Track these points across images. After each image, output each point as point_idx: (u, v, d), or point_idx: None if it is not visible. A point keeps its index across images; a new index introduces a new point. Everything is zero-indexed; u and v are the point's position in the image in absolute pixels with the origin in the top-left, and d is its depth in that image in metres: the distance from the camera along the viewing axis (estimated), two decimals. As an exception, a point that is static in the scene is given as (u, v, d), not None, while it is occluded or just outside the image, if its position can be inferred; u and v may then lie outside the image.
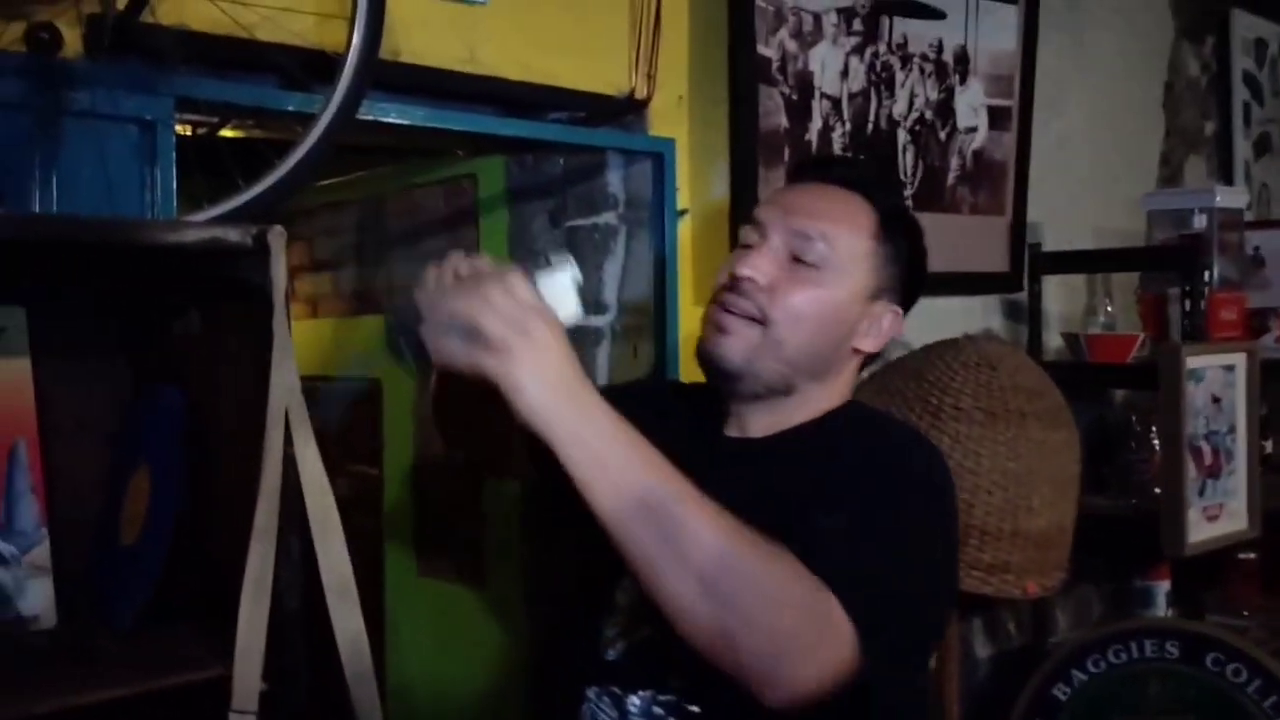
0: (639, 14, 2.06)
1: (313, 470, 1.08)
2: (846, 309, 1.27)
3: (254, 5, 1.51)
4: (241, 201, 1.30)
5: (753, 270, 1.24)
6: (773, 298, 1.24)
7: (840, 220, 1.27)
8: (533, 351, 0.95)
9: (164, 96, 1.49)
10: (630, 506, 0.94)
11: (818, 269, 1.24)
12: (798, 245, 1.25)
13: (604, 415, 0.97)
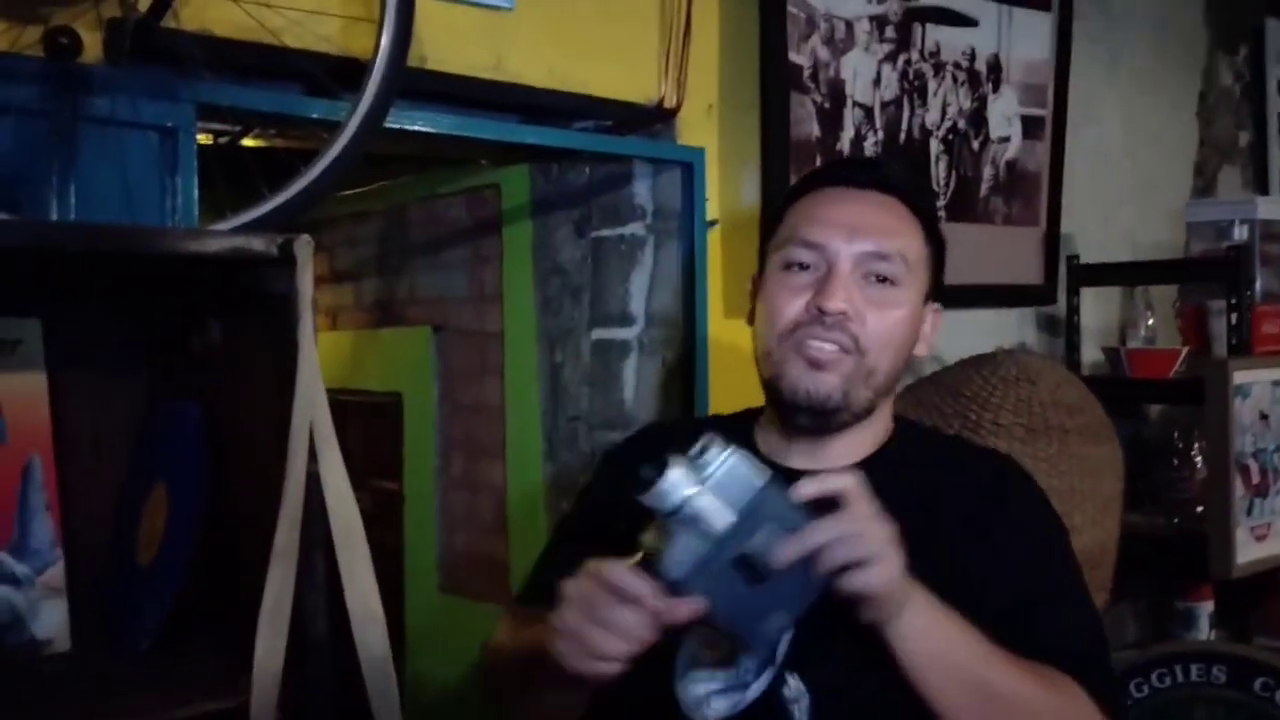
0: (669, 21, 2.01)
1: (338, 489, 1.03)
2: (916, 320, 1.24)
3: (279, 8, 1.47)
4: (266, 210, 1.26)
5: (844, 303, 1.17)
6: (863, 326, 1.18)
7: (903, 233, 1.23)
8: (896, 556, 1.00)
9: (185, 103, 1.45)
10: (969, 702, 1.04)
11: (894, 286, 1.21)
12: (870, 265, 1.20)
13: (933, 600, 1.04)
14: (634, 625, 0.91)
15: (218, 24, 1.47)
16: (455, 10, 1.76)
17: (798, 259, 1.21)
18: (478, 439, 2.55)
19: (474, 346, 2.56)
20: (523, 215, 2.37)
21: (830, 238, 1.19)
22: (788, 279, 1.21)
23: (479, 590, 2.58)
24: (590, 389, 2.24)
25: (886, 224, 1.22)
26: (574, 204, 2.24)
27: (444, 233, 2.69)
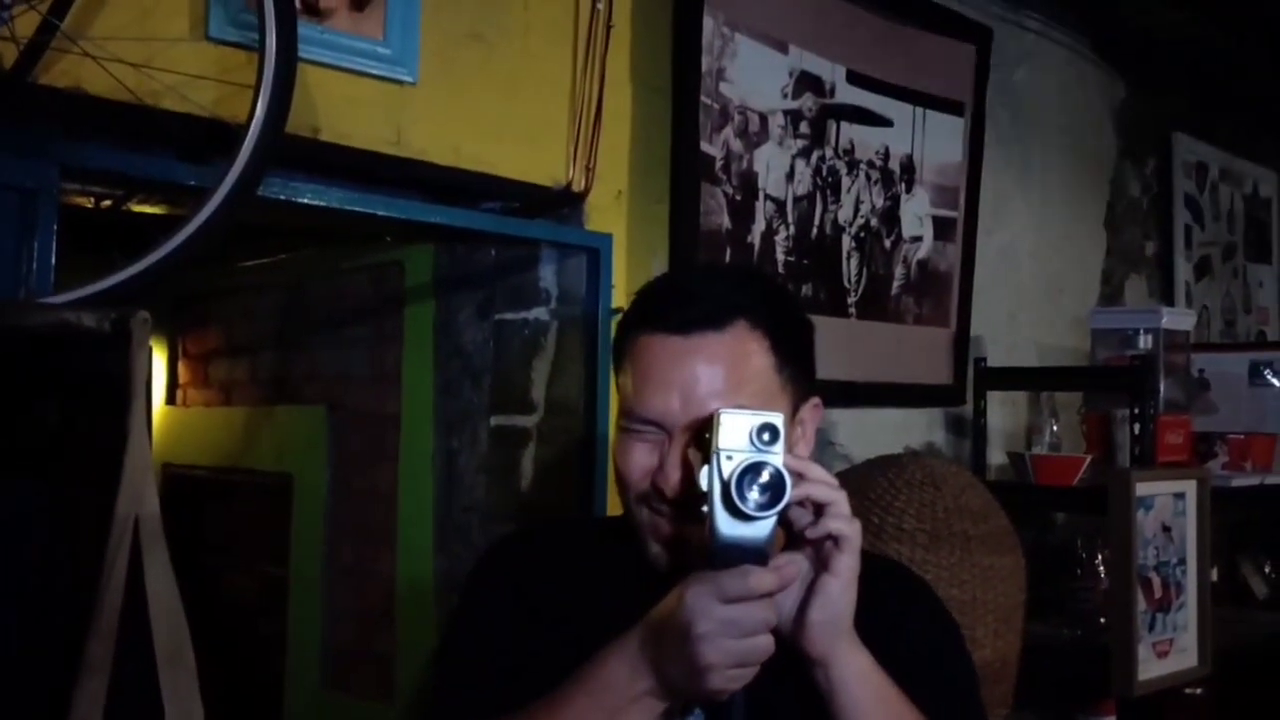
0: (579, 104, 1.97)
1: (163, 595, 0.93)
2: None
3: (157, 72, 1.40)
4: (117, 281, 1.16)
5: (666, 486, 1.07)
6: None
7: (740, 373, 1.08)
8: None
9: (48, 164, 1.36)
10: None
11: None
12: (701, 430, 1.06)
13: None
14: (768, 615, 0.95)
15: (92, 84, 1.39)
16: (356, 81, 1.70)
17: (637, 430, 1.11)
18: (369, 526, 2.43)
19: (369, 428, 2.46)
20: (426, 295, 2.29)
21: (664, 412, 1.08)
22: (630, 442, 1.11)
23: (363, 687, 2.44)
24: (487, 477, 2.15)
25: (719, 375, 1.08)
26: (478, 285, 2.17)
27: (345, 309, 2.60)
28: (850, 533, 0.99)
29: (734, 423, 0.94)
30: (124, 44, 1.38)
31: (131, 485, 0.92)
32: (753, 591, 0.92)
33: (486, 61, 1.86)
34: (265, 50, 1.29)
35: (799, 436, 1.15)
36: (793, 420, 1.12)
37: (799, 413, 1.14)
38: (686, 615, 0.93)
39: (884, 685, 1.04)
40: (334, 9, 1.64)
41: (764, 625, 0.94)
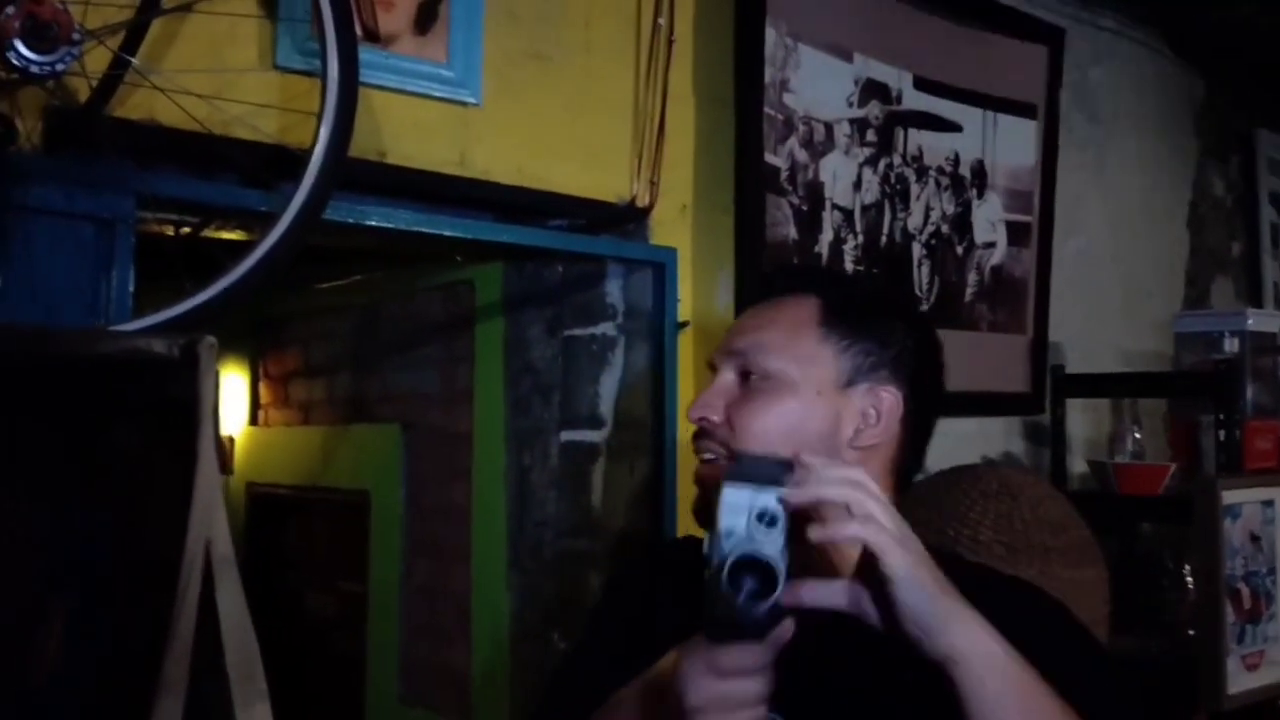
0: (642, 119, 1.98)
1: (235, 617, 0.94)
2: (816, 410, 1.13)
3: (226, 102, 1.44)
4: (188, 307, 1.19)
5: (703, 409, 1.15)
6: (731, 428, 1.14)
7: (775, 324, 1.17)
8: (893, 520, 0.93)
9: (124, 194, 1.40)
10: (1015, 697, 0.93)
11: (766, 379, 1.14)
12: (741, 365, 1.16)
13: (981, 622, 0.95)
14: (759, 688, 0.93)
15: (164, 115, 1.43)
16: (420, 104, 1.72)
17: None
18: (443, 541, 2.46)
19: (443, 446, 2.49)
20: (496, 313, 2.31)
21: (717, 353, 1.19)
22: None
23: (441, 702, 2.46)
24: (558, 493, 2.16)
25: (760, 322, 1.18)
26: (547, 302, 2.19)
27: (417, 329, 2.63)
28: (869, 534, 0.92)
29: (736, 499, 0.90)
30: (194, 75, 1.42)
31: (202, 509, 0.94)
32: (745, 668, 0.91)
33: (548, 80, 1.88)
34: (327, 77, 1.31)
35: (850, 422, 1.14)
36: (843, 391, 1.14)
37: (853, 387, 1.14)
38: (680, 685, 0.93)
39: (1021, 673, 0.95)
40: (398, 34, 1.67)
41: (755, 699, 0.92)
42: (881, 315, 1.19)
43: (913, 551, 0.93)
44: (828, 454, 1.10)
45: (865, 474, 0.95)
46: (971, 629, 0.94)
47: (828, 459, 0.97)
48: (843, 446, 1.13)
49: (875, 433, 1.14)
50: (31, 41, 1.08)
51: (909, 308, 1.31)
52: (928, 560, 0.94)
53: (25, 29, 1.08)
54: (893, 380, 1.15)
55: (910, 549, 0.93)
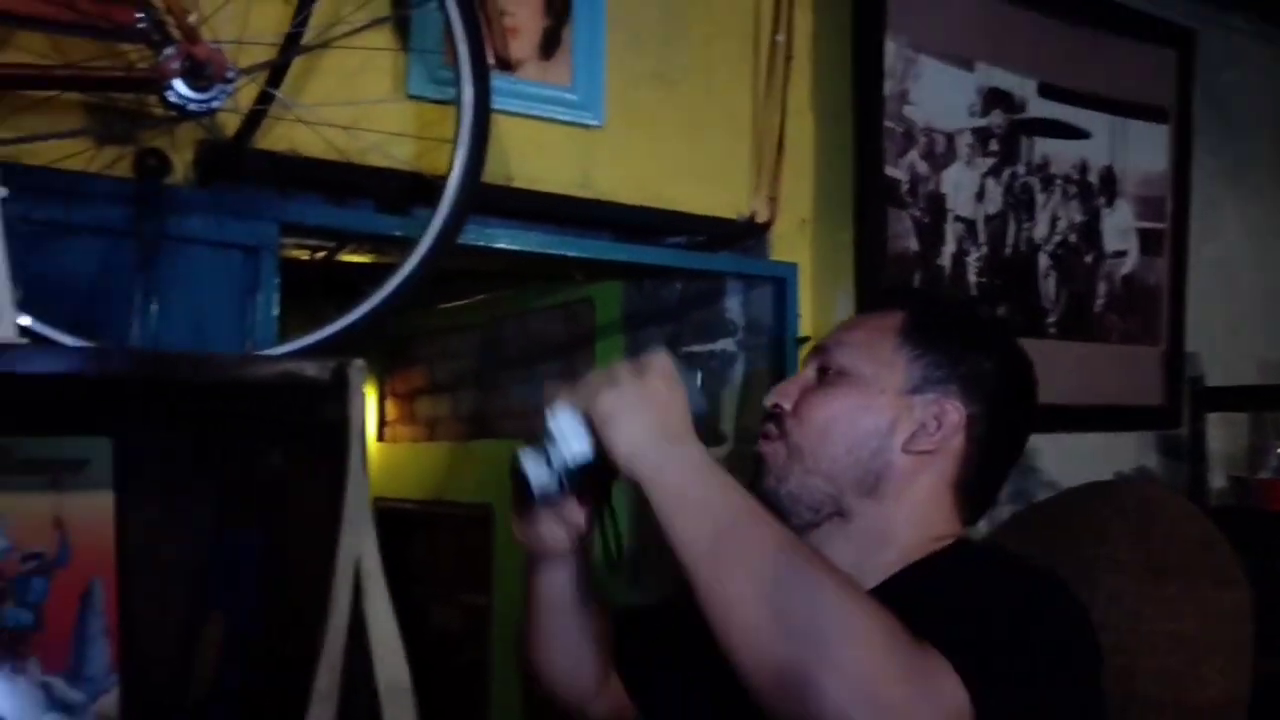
0: (761, 136, 1.98)
1: (384, 630, 0.98)
2: (876, 408, 1.18)
3: (362, 131, 1.49)
4: (332, 331, 1.24)
5: (778, 396, 1.24)
6: (796, 415, 1.21)
7: (857, 328, 1.27)
8: (637, 390, 1.04)
9: (268, 222, 1.46)
10: (707, 542, 0.96)
11: (840, 374, 1.21)
12: (822, 360, 1.24)
13: (699, 457, 1.02)
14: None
15: (304, 145, 1.49)
16: (545, 127, 1.75)
17: None
18: (565, 556, 2.48)
19: (564, 461, 2.51)
20: (615, 330, 2.34)
21: (809, 356, 1.28)
22: None
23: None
24: (679, 509, 2.17)
25: (845, 327, 1.28)
26: (666, 319, 2.20)
27: (538, 346, 2.68)
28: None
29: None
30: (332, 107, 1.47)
31: (352, 526, 0.97)
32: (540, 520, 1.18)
33: (669, 100, 1.89)
34: (461, 104, 1.35)
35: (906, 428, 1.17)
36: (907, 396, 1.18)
37: (918, 395, 1.18)
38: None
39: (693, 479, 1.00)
40: (523, 59, 1.71)
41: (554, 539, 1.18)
42: (960, 334, 1.23)
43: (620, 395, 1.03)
44: (880, 454, 1.17)
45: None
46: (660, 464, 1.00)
47: None
48: (895, 447, 1.17)
49: (931, 441, 1.17)
50: (189, 81, 1.14)
51: (995, 333, 1.32)
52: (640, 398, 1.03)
53: (184, 69, 1.14)
54: (962, 397, 1.18)
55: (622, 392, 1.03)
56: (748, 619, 0.92)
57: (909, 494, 1.17)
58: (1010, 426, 1.22)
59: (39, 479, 1.23)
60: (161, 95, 1.15)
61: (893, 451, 1.17)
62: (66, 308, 1.29)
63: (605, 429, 1.03)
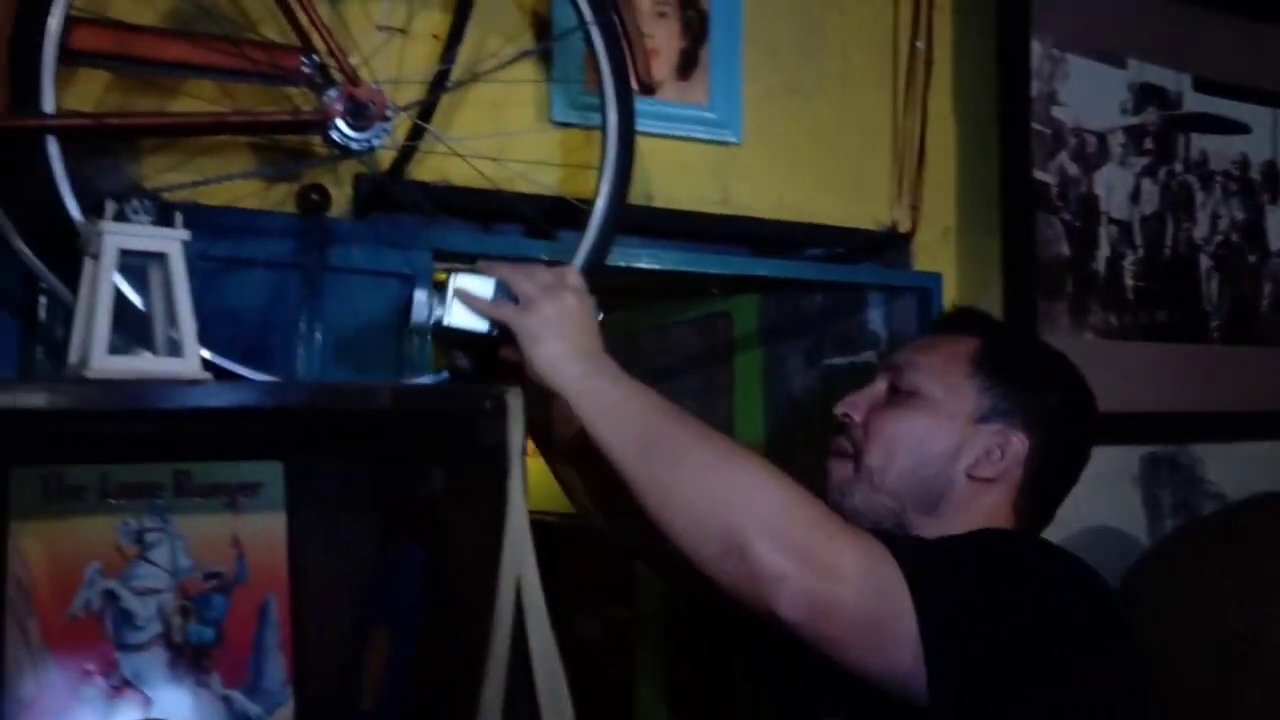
0: (901, 144, 1.96)
1: (543, 646, 1.00)
2: (944, 432, 1.25)
3: (508, 161, 1.53)
4: (486, 356, 1.27)
5: (848, 407, 1.29)
6: (866, 430, 1.27)
7: (934, 350, 1.30)
8: (556, 310, 1.14)
9: (422, 251, 1.51)
10: (636, 442, 1.07)
11: (911, 395, 1.26)
12: (893, 378, 1.29)
13: (614, 369, 1.13)
14: None
15: (453, 175, 1.53)
16: (683, 147, 1.77)
17: None
18: (708, 570, 2.48)
19: (705, 475, 2.52)
20: (754, 343, 2.33)
21: (879, 370, 1.35)
22: None
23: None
24: (823, 523, 2.15)
25: (919, 348, 1.33)
26: (806, 331, 2.19)
27: (675, 360, 2.68)
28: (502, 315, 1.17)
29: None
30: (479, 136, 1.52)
31: (513, 549, 1.00)
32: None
33: (807, 113, 1.88)
34: (606, 131, 1.37)
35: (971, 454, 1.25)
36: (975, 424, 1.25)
37: (985, 424, 1.26)
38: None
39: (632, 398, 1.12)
40: (661, 81, 1.72)
41: None
42: (1030, 369, 1.30)
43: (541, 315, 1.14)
44: (943, 475, 1.24)
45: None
46: (579, 378, 1.12)
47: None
48: (959, 472, 1.24)
49: (993, 469, 1.24)
50: (351, 121, 1.19)
51: (1063, 370, 1.36)
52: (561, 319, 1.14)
53: (346, 110, 1.19)
54: (1026, 429, 1.25)
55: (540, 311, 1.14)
56: (684, 500, 1.04)
57: (967, 515, 1.24)
58: (1069, 458, 1.30)
59: (217, 501, 1.30)
60: (326, 135, 1.21)
61: (956, 475, 1.24)
62: (239, 338, 1.36)
63: (529, 347, 1.12)
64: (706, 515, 1.03)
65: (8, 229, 1.08)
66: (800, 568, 1.00)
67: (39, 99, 1.07)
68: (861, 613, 1.01)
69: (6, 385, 0.99)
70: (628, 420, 1.09)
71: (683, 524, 1.04)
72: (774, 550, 1.00)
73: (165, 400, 0.94)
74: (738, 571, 1.02)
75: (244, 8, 1.40)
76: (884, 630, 1.01)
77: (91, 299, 0.99)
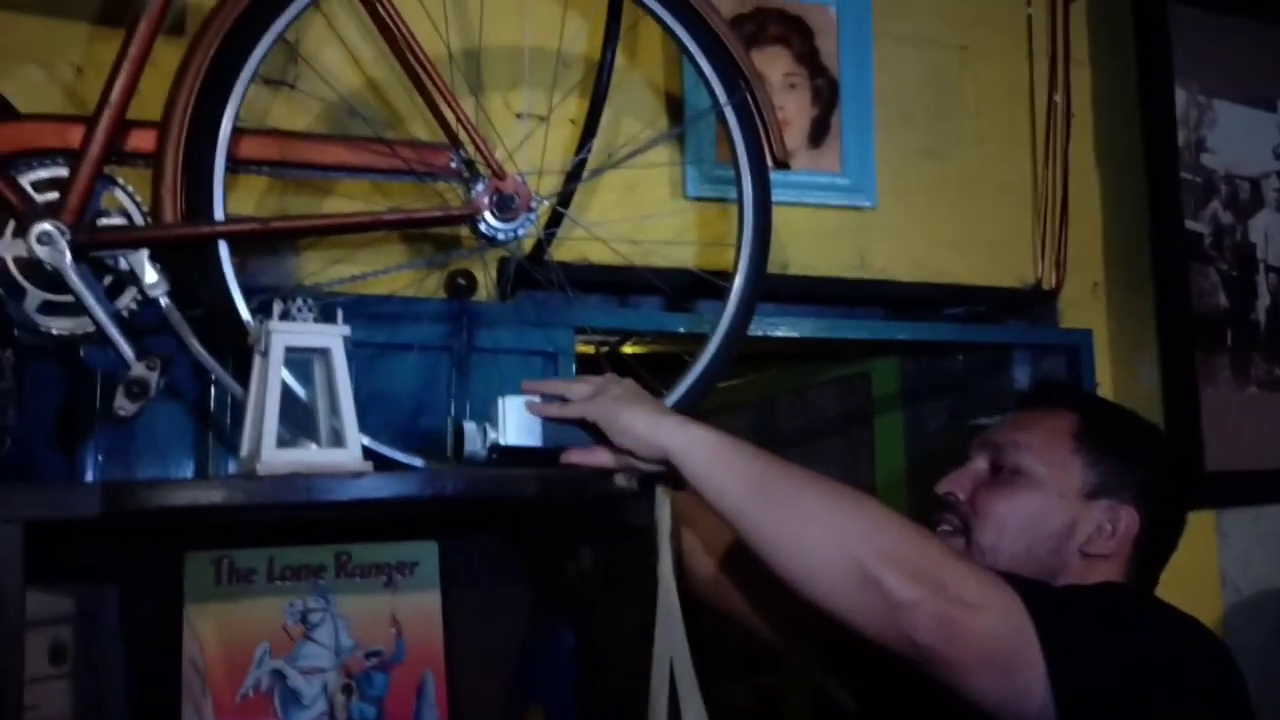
0: (1042, 199, 1.92)
1: (698, 726, 0.99)
2: (1055, 510, 1.25)
3: (643, 241, 1.56)
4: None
5: (951, 485, 1.29)
6: (974, 508, 1.26)
7: (1034, 428, 1.29)
8: (620, 389, 1.17)
9: (564, 329, 1.54)
10: (748, 492, 1.07)
11: (1016, 473, 1.26)
12: (994, 457, 1.29)
13: (704, 426, 1.12)
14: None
15: (592, 254, 1.57)
16: (818, 214, 1.77)
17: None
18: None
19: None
20: (894, 404, 2.30)
21: (973, 445, 1.33)
22: None
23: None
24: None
25: (1020, 424, 1.31)
26: (948, 391, 2.14)
27: (814, 422, 2.66)
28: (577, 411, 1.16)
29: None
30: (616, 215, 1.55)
31: (665, 630, 1.00)
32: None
33: (942, 174, 1.87)
34: (742, 206, 1.38)
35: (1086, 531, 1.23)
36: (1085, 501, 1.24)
37: (1095, 501, 1.25)
38: None
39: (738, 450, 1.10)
40: (793, 150, 1.73)
41: None
42: (1133, 443, 1.30)
43: (608, 397, 1.14)
44: (1057, 553, 1.24)
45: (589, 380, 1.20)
46: (669, 427, 1.11)
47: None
48: (1072, 549, 1.24)
49: (1106, 546, 1.24)
50: (497, 213, 1.24)
51: (1164, 442, 1.40)
52: (628, 396, 1.15)
53: (493, 203, 1.23)
54: (1134, 503, 1.25)
55: (605, 395, 1.15)
56: (809, 538, 1.04)
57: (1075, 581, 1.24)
58: (1173, 528, 1.30)
59: (376, 581, 1.34)
60: (474, 228, 1.26)
61: (1070, 553, 1.24)
62: (394, 422, 1.41)
63: (616, 419, 1.12)
64: (835, 551, 1.04)
65: (184, 330, 1.15)
66: (933, 594, 1.01)
67: (211, 207, 1.14)
68: (989, 639, 1.02)
69: (187, 484, 1.05)
70: (738, 465, 1.09)
71: (810, 562, 1.05)
72: (906, 579, 1.02)
73: (330, 493, 0.98)
74: (871, 603, 1.03)
75: (392, 105, 1.48)
76: (1010, 658, 1.02)
77: (261, 395, 1.04)
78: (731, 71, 1.36)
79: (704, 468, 1.08)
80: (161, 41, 1.18)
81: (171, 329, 1.17)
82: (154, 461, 1.31)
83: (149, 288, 1.14)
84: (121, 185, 1.16)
